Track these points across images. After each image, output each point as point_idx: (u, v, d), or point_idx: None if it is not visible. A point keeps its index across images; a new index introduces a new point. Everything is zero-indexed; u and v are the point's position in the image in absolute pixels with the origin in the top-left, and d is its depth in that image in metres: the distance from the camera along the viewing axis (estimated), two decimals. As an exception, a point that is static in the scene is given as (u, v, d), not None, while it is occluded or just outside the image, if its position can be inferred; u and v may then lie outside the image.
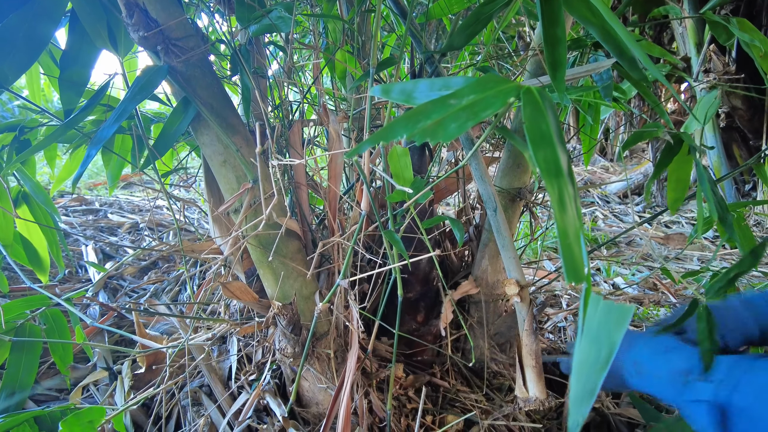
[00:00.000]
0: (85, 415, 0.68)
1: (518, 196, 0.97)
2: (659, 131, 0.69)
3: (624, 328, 0.32)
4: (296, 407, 0.97)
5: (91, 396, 1.10)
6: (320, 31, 1.18)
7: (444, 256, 1.09)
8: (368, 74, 0.73)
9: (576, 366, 0.33)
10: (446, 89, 0.36)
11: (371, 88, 0.45)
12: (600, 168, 4.13)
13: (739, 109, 2.38)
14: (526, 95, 0.34)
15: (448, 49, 0.75)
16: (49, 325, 0.94)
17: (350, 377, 0.78)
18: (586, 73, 0.77)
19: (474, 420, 0.98)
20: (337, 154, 0.92)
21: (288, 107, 1.03)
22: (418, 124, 0.30)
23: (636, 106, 3.05)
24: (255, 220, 0.81)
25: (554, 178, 0.30)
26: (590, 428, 1.02)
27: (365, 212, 0.75)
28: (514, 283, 0.78)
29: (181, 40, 0.75)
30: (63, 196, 2.62)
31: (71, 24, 0.74)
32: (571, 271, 0.28)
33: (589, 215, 2.89)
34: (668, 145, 0.70)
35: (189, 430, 0.96)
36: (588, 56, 0.97)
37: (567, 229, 0.29)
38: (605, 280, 1.91)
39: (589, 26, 0.54)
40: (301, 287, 0.91)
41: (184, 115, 0.79)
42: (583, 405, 0.32)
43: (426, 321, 1.07)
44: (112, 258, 1.88)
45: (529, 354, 0.81)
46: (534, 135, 0.31)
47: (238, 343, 1.08)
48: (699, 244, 2.32)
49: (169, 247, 1.35)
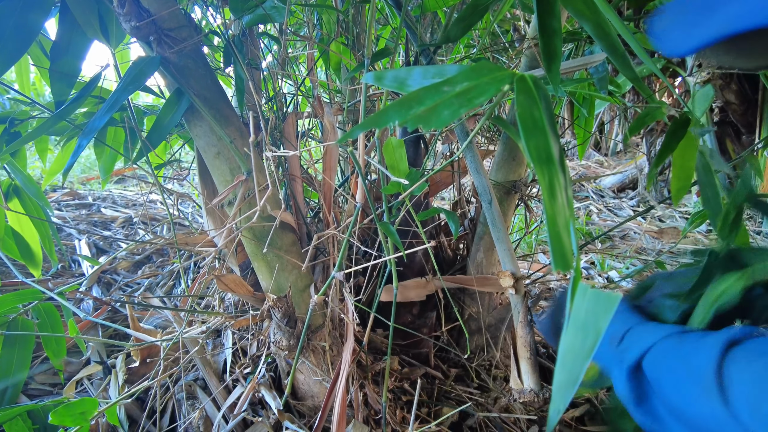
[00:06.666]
0: (76, 406, 0.68)
1: (513, 189, 0.97)
2: (663, 108, 0.69)
3: (610, 316, 0.32)
4: (291, 400, 0.97)
5: (85, 390, 1.10)
6: (315, 22, 1.17)
7: (439, 249, 1.10)
8: (363, 65, 0.72)
9: (561, 353, 0.33)
10: (440, 77, 0.36)
11: (365, 75, 0.45)
12: (594, 162, 4.15)
13: (733, 104, 2.39)
14: (520, 83, 0.34)
15: (443, 41, 0.75)
16: (41, 320, 0.94)
17: (345, 370, 0.78)
18: (580, 66, 0.77)
19: (469, 412, 0.98)
20: (332, 146, 0.92)
21: (282, 99, 1.02)
22: (411, 110, 0.30)
23: (630, 100, 3.06)
24: (249, 212, 0.80)
25: (545, 165, 0.30)
26: (584, 420, 1.03)
27: (360, 204, 0.75)
28: (509, 275, 0.79)
29: (173, 31, 0.74)
30: (55, 191, 2.59)
31: (61, 14, 0.73)
32: (559, 258, 0.28)
33: (584, 209, 2.91)
34: (672, 126, 0.69)
35: (184, 423, 0.96)
36: (583, 49, 0.97)
37: (556, 216, 0.29)
38: (599, 273, 1.93)
39: (584, 21, 0.53)
40: (296, 280, 0.90)
41: (177, 107, 0.78)
42: (567, 392, 0.32)
43: (421, 313, 1.07)
44: (105, 252, 1.87)
45: (523, 346, 0.81)
46: (526, 122, 0.31)
47: (232, 336, 1.08)
48: (692, 237, 2.33)
49: (163, 241, 1.34)
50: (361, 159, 0.72)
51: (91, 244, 1.89)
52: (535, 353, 0.83)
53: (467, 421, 0.98)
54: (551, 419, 0.34)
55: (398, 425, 0.90)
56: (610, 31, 0.49)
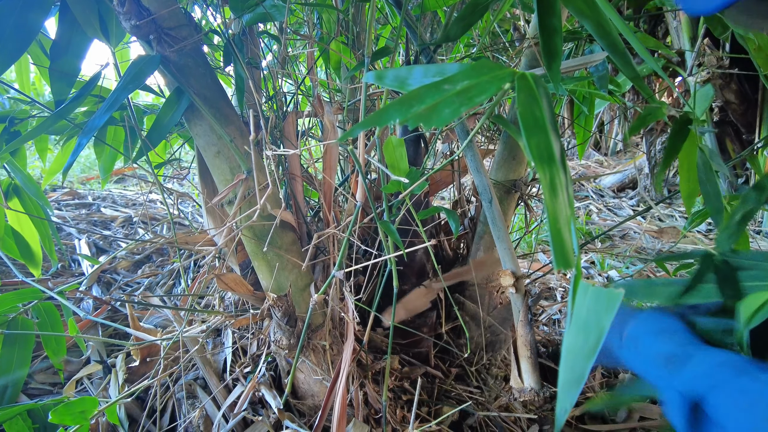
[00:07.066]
0: (76, 405, 0.68)
1: (513, 188, 0.97)
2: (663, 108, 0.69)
3: (613, 314, 0.32)
4: (292, 399, 0.97)
5: (85, 389, 1.10)
6: (315, 21, 1.17)
7: (439, 249, 1.10)
8: (363, 64, 0.72)
9: (565, 352, 0.33)
10: (440, 75, 0.36)
11: (365, 74, 0.45)
12: (594, 162, 4.15)
13: (733, 103, 2.39)
14: (521, 81, 0.34)
15: (443, 40, 0.75)
16: (41, 319, 0.94)
17: (346, 369, 0.78)
18: (581, 65, 0.77)
19: (469, 411, 0.98)
20: (332, 145, 0.92)
21: (282, 98, 1.02)
22: (411, 108, 0.30)
23: (630, 100, 3.06)
24: (249, 211, 0.80)
25: (546, 163, 0.30)
26: (585, 419, 1.03)
27: (360, 203, 0.75)
28: (509, 274, 0.78)
29: (173, 30, 0.74)
30: (55, 190, 2.59)
31: (61, 13, 0.73)
32: (560, 257, 0.28)
33: (584, 209, 2.91)
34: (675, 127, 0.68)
35: (184, 422, 0.96)
36: (583, 48, 0.97)
37: (557, 214, 0.29)
38: (600, 272, 1.93)
39: (584, 19, 0.53)
40: (296, 279, 0.90)
41: (177, 106, 0.78)
42: (572, 391, 0.32)
43: (421, 313, 1.07)
44: (105, 252, 1.87)
45: (524, 345, 0.81)
46: (527, 121, 0.31)
47: (232, 336, 1.08)
48: (692, 237, 2.33)
49: (163, 240, 1.34)
50: (361, 158, 0.72)
51: (90, 243, 1.89)
52: (535, 352, 0.83)
53: (467, 420, 0.98)
54: (559, 419, 0.34)
55: (398, 424, 0.90)
56: (610, 29, 0.49)
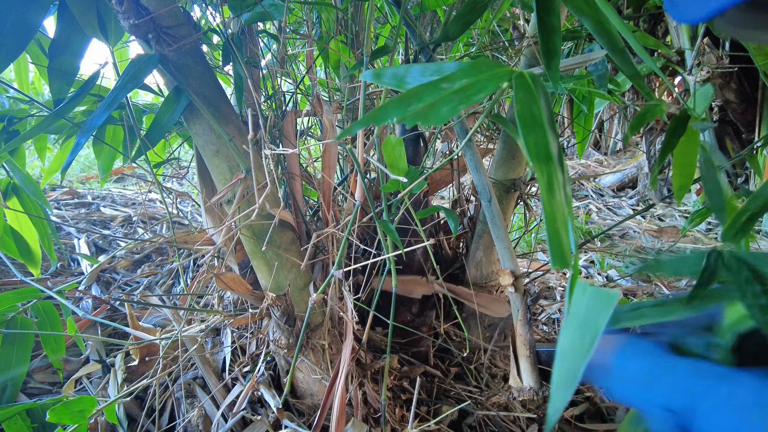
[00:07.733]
0: (75, 404, 0.68)
1: (513, 188, 0.97)
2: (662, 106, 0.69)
3: (609, 313, 0.32)
4: (291, 398, 0.97)
5: (84, 389, 1.10)
6: (314, 20, 1.17)
7: (438, 248, 1.10)
8: (362, 63, 0.72)
9: (560, 351, 0.33)
10: (439, 74, 0.36)
11: (364, 72, 0.45)
12: (594, 161, 4.14)
13: (732, 103, 2.39)
14: (519, 79, 0.34)
15: (443, 38, 0.75)
16: (40, 318, 0.94)
17: (345, 368, 0.78)
18: (580, 64, 0.77)
19: (468, 410, 0.98)
20: (331, 144, 0.92)
21: (281, 97, 1.02)
22: (409, 107, 0.30)
23: (630, 99, 3.06)
24: (248, 211, 0.80)
25: (543, 162, 0.30)
26: (584, 419, 1.03)
27: (359, 202, 0.75)
28: (508, 274, 0.78)
29: (172, 29, 0.74)
30: (54, 190, 2.59)
31: (60, 11, 0.73)
32: (557, 256, 0.28)
33: (583, 208, 2.91)
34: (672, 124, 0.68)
35: (183, 421, 0.96)
36: (582, 47, 0.97)
37: (555, 213, 0.29)
38: (599, 272, 1.93)
39: (583, 18, 0.53)
40: (295, 278, 0.90)
41: (176, 105, 0.78)
42: (566, 390, 0.32)
43: (421, 312, 1.07)
44: (104, 251, 1.87)
45: (523, 344, 0.81)
46: (525, 119, 0.31)
47: (231, 335, 1.08)
48: (692, 236, 2.34)
49: (163, 239, 1.34)
50: (360, 157, 0.72)
51: (90, 242, 1.89)
52: (534, 351, 0.83)
53: (467, 419, 0.98)
54: (550, 418, 0.34)
55: (397, 423, 0.90)
56: (610, 28, 0.49)
